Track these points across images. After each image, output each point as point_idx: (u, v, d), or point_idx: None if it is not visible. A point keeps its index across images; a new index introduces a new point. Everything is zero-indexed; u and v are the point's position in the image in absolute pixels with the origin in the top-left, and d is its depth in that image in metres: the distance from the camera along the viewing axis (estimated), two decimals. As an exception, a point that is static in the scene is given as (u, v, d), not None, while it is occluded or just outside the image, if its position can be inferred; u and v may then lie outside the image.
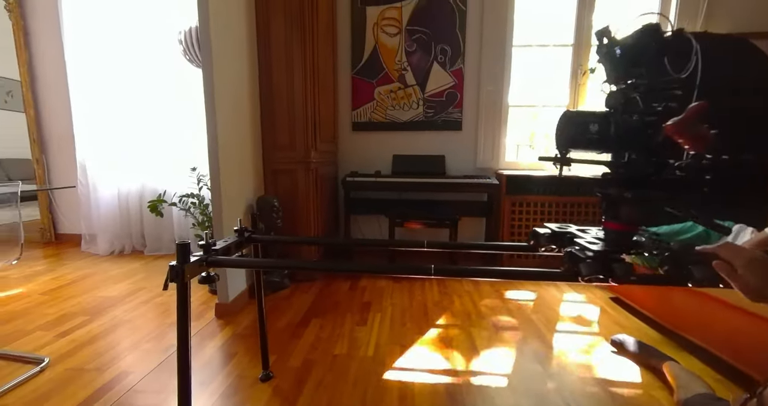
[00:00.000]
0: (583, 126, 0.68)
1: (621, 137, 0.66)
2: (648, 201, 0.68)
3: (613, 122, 0.67)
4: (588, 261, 0.66)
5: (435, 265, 0.73)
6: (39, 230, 2.98)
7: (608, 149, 0.69)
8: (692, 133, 0.60)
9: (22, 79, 2.76)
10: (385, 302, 1.91)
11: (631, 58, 0.66)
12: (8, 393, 1.16)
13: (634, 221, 0.70)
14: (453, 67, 2.56)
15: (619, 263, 0.65)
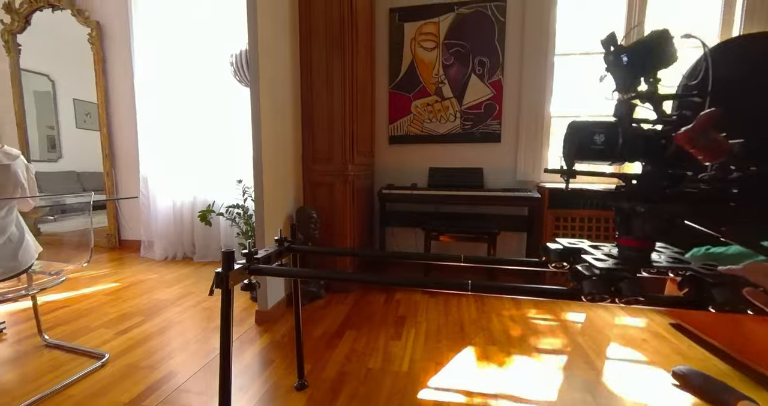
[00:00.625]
0: (589, 136, 0.65)
1: (630, 148, 0.63)
2: (662, 216, 0.63)
3: (621, 132, 0.63)
4: (592, 279, 0.62)
5: (472, 280, 0.71)
6: (106, 236, 3.30)
7: (616, 160, 0.65)
8: (704, 142, 0.56)
9: (98, 102, 3.13)
10: (420, 317, 1.87)
11: (640, 64, 0.62)
12: (74, 385, 1.28)
13: (648, 236, 0.65)
14: (491, 79, 2.53)
15: (626, 282, 0.60)
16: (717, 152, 0.57)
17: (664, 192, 0.64)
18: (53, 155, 3.48)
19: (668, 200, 0.63)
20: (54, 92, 3.43)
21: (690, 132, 0.57)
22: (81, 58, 3.08)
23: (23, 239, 1.40)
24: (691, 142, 0.57)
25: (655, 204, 0.63)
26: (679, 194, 0.63)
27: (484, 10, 2.47)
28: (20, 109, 3.26)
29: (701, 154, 0.57)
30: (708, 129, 0.56)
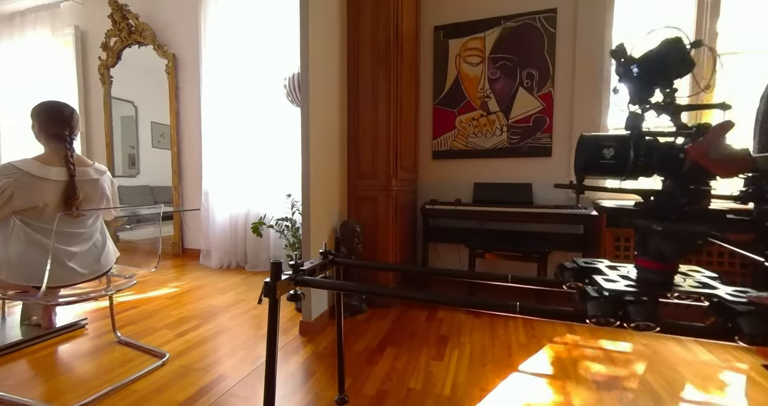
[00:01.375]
0: (597, 150, 0.62)
1: (643, 162, 0.59)
2: (681, 236, 0.57)
3: (632, 146, 0.60)
4: (598, 300, 0.58)
5: (520, 302, 0.67)
6: (171, 244, 3.62)
7: (629, 175, 0.62)
8: (717, 156, 0.52)
9: (171, 124, 3.52)
10: (464, 338, 1.80)
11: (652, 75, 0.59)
12: (138, 381, 1.40)
13: (665, 258, 0.60)
14: (541, 92, 2.44)
15: (635, 305, 0.56)
16: (733, 167, 0.53)
17: (682, 210, 0.59)
18: (132, 171, 3.94)
19: (688, 219, 0.58)
20: (136, 116, 3.92)
21: (702, 145, 0.54)
22: (159, 86, 3.50)
23: (105, 244, 1.59)
24: (704, 156, 0.53)
25: (673, 223, 0.58)
26: (701, 213, 0.58)
27: (533, 22, 2.42)
28: (109, 131, 3.76)
29: (715, 169, 0.54)
30: (721, 142, 0.52)
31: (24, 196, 1.28)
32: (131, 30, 3.46)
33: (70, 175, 1.38)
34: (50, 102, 1.46)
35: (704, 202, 0.59)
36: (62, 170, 1.38)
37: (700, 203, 0.59)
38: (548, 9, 2.38)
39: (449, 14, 2.62)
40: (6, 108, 4.21)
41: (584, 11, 2.31)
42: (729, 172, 0.55)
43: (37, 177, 1.31)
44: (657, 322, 0.55)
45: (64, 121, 1.42)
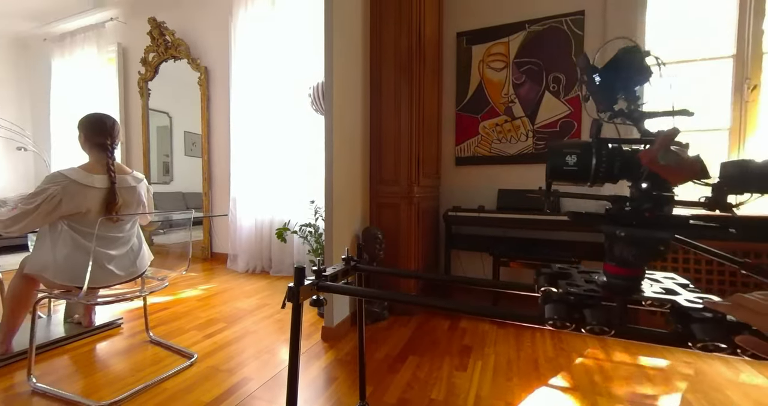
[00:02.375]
0: (561, 157, 0.64)
1: (606, 169, 0.61)
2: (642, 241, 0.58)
3: (594, 153, 0.61)
4: (557, 303, 0.59)
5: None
6: (201, 248, 3.77)
7: (593, 182, 0.63)
8: (665, 163, 0.53)
9: (202, 133, 3.68)
10: (488, 349, 1.75)
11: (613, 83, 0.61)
12: (168, 380, 1.45)
13: (629, 263, 0.61)
14: (568, 96, 2.38)
15: (592, 309, 0.57)
16: (683, 173, 0.55)
17: (644, 216, 0.60)
18: (166, 178, 4.15)
19: (650, 225, 0.59)
20: (171, 126, 4.14)
21: (651, 152, 0.55)
22: (192, 97, 3.68)
23: (141, 248, 1.67)
24: (653, 162, 0.54)
25: (635, 229, 0.59)
26: (662, 218, 0.59)
27: (559, 25, 2.37)
28: (146, 140, 3.98)
29: (666, 175, 0.56)
30: (668, 149, 0.54)
31: (71, 202, 1.38)
32: (168, 45, 3.67)
33: (111, 182, 1.47)
34: (94, 114, 1.56)
35: (667, 208, 0.59)
36: (104, 178, 1.47)
37: (662, 209, 0.59)
38: (576, 11, 2.33)
39: (472, 20, 2.61)
40: (57, 119, 4.56)
41: (614, 13, 2.23)
42: (679, 178, 0.56)
43: (82, 185, 1.41)
44: (611, 326, 0.56)
45: (106, 131, 1.52)
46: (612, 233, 0.61)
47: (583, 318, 0.57)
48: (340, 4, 1.87)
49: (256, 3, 3.16)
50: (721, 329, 0.50)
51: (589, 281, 0.66)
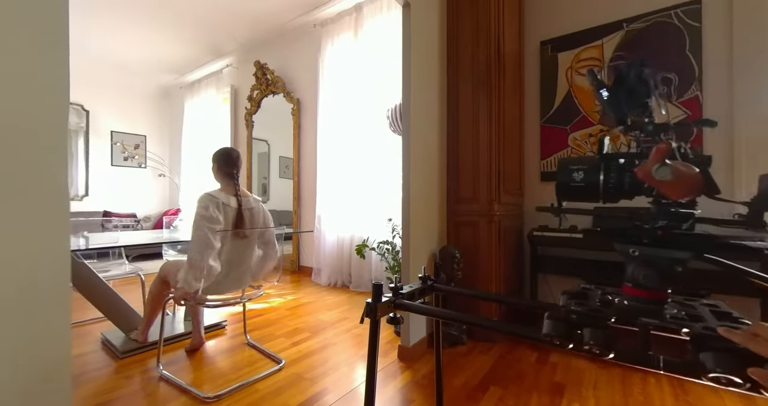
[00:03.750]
0: (568, 174, 0.63)
1: (615, 185, 0.60)
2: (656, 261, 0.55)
3: (602, 168, 0.61)
4: (555, 320, 0.58)
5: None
6: (290, 261, 4.12)
7: (604, 199, 0.62)
8: (661, 177, 0.52)
9: (293, 157, 4.10)
10: (586, 391, 1.52)
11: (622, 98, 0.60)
12: (260, 381, 1.58)
13: (642, 284, 0.58)
14: (683, 97, 2.04)
15: (592, 329, 0.55)
16: (683, 188, 0.52)
17: (656, 233, 0.57)
18: (264, 198, 4.67)
19: (664, 243, 0.56)
20: (269, 152, 4.71)
21: (645, 167, 0.54)
22: (286, 126, 4.16)
23: (262, 264, 1.88)
24: (649, 177, 0.53)
25: (648, 248, 0.57)
26: (678, 237, 0.55)
27: (668, 19, 2.08)
28: (249, 166, 4.59)
29: (664, 190, 0.54)
30: (662, 162, 0.52)
31: (222, 217, 1.64)
32: (268, 83, 4.24)
33: (238, 203, 1.73)
34: (225, 148, 1.85)
35: (686, 225, 0.56)
36: (234, 199, 1.73)
37: (679, 227, 0.56)
38: (690, 1, 2.02)
39: (557, 26, 2.45)
40: (187, 150, 5.57)
41: (742, -4, 1.87)
42: (678, 193, 0.54)
43: (225, 204, 1.67)
44: (610, 348, 0.53)
45: (233, 162, 1.79)
46: (625, 252, 0.59)
47: (582, 338, 0.55)
48: (417, 27, 1.94)
49: (341, 37, 3.48)
50: (735, 360, 0.44)
51: (605, 302, 0.63)
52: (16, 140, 0.67)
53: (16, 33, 0.66)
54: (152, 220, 5.65)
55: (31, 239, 0.69)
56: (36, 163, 0.69)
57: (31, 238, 0.69)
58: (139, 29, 3.98)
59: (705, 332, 0.50)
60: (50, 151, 0.71)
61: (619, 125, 0.62)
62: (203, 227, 1.55)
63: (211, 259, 1.54)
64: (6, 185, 0.66)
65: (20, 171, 0.67)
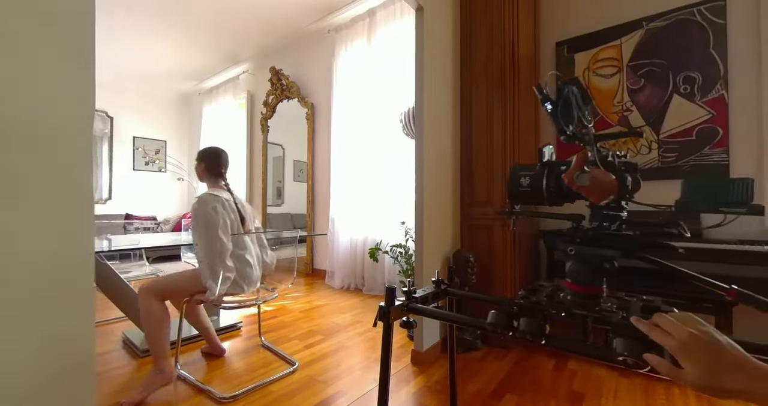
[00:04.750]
0: (516, 179, 0.70)
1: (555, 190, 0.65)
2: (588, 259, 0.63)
3: (545, 174, 0.66)
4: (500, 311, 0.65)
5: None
6: (304, 264, 4.16)
7: (549, 202, 0.68)
8: (581, 183, 0.58)
9: (308, 161, 4.15)
10: (606, 401, 1.47)
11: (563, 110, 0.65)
12: (274, 383, 1.60)
13: (579, 280, 0.65)
14: (707, 97, 1.97)
15: (527, 319, 0.62)
16: (599, 192, 0.59)
17: (587, 234, 0.64)
18: (278, 201, 4.76)
19: (598, 243, 0.63)
20: (283, 156, 4.78)
21: (569, 173, 0.59)
22: (300, 130, 4.22)
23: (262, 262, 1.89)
24: (571, 182, 0.59)
25: (582, 246, 0.63)
26: (607, 236, 0.62)
27: (690, 17, 2.01)
28: (264, 169, 4.67)
29: (585, 194, 0.60)
30: (582, 169, 0.58)
31: (227, 216, 1.64)
32: (283, 88, 4.32)
33: (232, 195, 1.73)
34: (214, 147, 1.82)
35: (614, 226, 0.62)
36: (228, 194, 1.74)
37: (609, 227, 0.62)
38: (711, -2, 1.95)
39: (573, 27, 2.41)
40: (204, 155, 5.71)
41: (770, -9, 1.80)
42: (595, 197, 0.60)
43: (227, 201, 1.68)
44: (542, 335, 0.61)
45: (224, 162, 1.81)
46: (564, 250, 0.65)
47: (518, 327, 0.62)
48: (430, 30, 1.94)
49: (355, 43, 3.52)
50: (638, 346, 0.51)
51: (550, 296, 0.70)
52: (44, 145, 0.70)
53: (45, 44, 0.70)
54: (171, 222, 5.81)
55: (57, 240, 0.71)
56: (63, 168, 0.72)
57: (57, 239, 0.71)
58: (161, 38, 4.12)
59: (621, 321, 0.57)
60: (76, 156, 0.74)
61: (561, 135, 0.67)
62: (218, 230, 1.54)
63: (228, 262, 1.56)
64: (35, 189, 0.69)
65: (48, 175, 0.70)
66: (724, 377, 0.40)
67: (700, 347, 0.43)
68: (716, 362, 0.41)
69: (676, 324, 0.46)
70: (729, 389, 0.40)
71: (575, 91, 0.64)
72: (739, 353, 0.42)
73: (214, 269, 1.52)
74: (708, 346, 0.43)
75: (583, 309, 0.63)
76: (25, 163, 0.67)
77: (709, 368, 0.41)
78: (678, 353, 0.44)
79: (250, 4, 3.43)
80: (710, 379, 0.41)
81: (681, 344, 0.44)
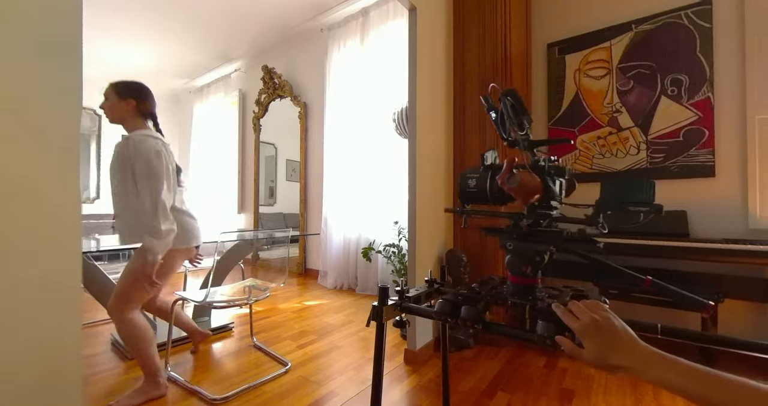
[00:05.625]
0: (465, 181, 0.77)
1: (498, 191, 0.71)
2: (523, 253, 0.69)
3: (489, 177, 0.73)
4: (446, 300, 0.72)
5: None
6: (296, 264, 4.14)
7: (494, 202, 0.74)
8: (509, 185, 0.64)
9: (300, 160, 4.13)
10: (596, 397, 1.49)
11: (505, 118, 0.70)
12: (266, 384, 1.59)
13: (518, 272, 0.71)
14: (694, 99, 2.01)
15: (468, 307, 0.69)
16: (525, 193, 0.65)
17: (522, 230, 0.70)
18: (271, 201, 4.73)
19: (529, 238, 0.69)
20: (276, 156, 4.75)
21: (501, 176, 0.65)
22: (293, 129, 4.19)
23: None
24: (504, 184, 0.65)
25: (518, 242, 0.70)
26: (537, 233, 0.69)
27: (677, 20, 2.05)
28: (257, 169, 4.64)
29: (514, 195, 0.67)
30: (511, 172, 0.64)
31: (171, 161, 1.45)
32: (276, 87, 4.29)
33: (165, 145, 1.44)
34: (139, 82, 1.47)
35: (544, 223, 0.69)
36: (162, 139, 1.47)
37: (540, 224, 0.69)
38: (700, 1, 1.99)
39: (565, 28, 2.44)
40: (195, 153, 5.64)
41: (754, -4, 1.85)
42: (523, 197, 0.66)
43: (164, 142, 1.43)
44: (480, 321, 0.67)
45: (155, 101, 1.51)
46: (504, 245, 0.72)
47: (461, 314, 0.69)
48: (423, 30, 1.95)
49: (348, 43, 3.51)
50: (554, 328, 0.57)
51: (494, 288, 0.78)
52: (30, 143, 0.68)
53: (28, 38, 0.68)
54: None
55: (44, 240, 0.70)
56: (50, 166, 0.71)
57: (44, 239, 0.70)
58: (151, 35, 4.06)
59: (545, 307, 0.63)
60: (63, 154, 0.72)
61: (504, 141, 0.74)
62: (163, 180, 1.32)
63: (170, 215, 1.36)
64: (21, 188, 0.67)
65: (35, 174, 0.69)
66: (612, 355, 0.48)
67: (598, 329, 0.50)
68: (608, 342, 0.49)
69: (583, 310, 0.54)
70: (615, 365, 0.47)
71: (509, 102, 0.69)
72: (629, 335, 0.49)
73: (154, 224, 1.31)
74: (604, 329, 0.50)
75: (518, 298, 0.70)
76: (10, 161, 0.66)
77: (601, 347, 0.49)
78: (579, 333, 0.52)
79: (244, 2, 3.40)
80: (601, 356, 0.48)
81: (583, 327, 0.52)
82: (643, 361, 0.46)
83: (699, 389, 0.42)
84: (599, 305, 0.55)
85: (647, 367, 0.45)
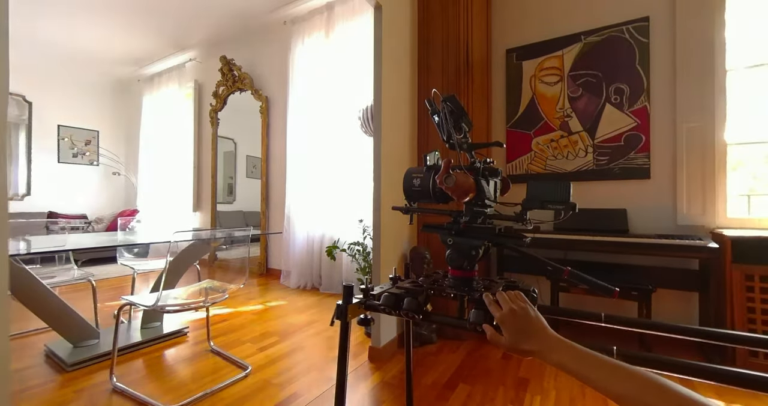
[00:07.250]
0: (410, 180, 0.81)
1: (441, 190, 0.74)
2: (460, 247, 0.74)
3: (431, 177, 0.77)
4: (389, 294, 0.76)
5: (618, 348, 0.58)
6: (257, 263, 3.99)
7: (437, 200, 0.78)
8: (446, 184, 0.68)
9: (262, 157, 3.99)
10: (548, 383, 1.59)
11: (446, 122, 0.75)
12: (225, 389, 1.52)
13: (458, 265, 0.76)
14: (633, 107, 2.20)
15: (408, 299, 0.74)
16: (460, 191, 0.69)
17: (459, 227, 0.75)
18: (230, 199, 4.52)
19: (466, 234, 0.74)
20: (235, 151, 4.54)
21: (439, 176, 0.70)
22: (254, 124, 4.03)
23: None
24: (442, 184, 0.69)
25: (456, 237, 0.75)
26: (474, 229, 0.74)
27: (620, 34, 2.24)
28: (214, 165, 4.41)
29: (451, 193, 0.71)
30: (448, 173, 0.69)
31: None
32: (235, 79, 4.10)
33: None
34: None
35: (479, 220, 0.74)
36: None
37: (476, 221, 0.74)
38: (639, 18, 2.18)
39: (522, 36, 2.57)
40: (145, 147, 5.24)
41: (685, 16, 2.06)
42: (458, 196, 0.70)
43: None
44: (420, 312, 0.73)
45: None
46: (445, 241, 0.76)
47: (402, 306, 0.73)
48: (389, 30, 1.96)
49: (312, 36, 3.43)
50: (483, 317, 0.63)
51: (436, 281, 0.82)
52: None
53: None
54: (105, 221, 5.26)
55: (-39, 242, 0.62)
56: (-32, 159, 0.62)
57: (-39, 241, 0.62)
58: (91, 15, 3.70)
59: (477, 298, 0.67)
60: (-14, 146, 0.64)
61: (446, 143, 0.77)
62: None
63: None
64: (-69, 183, 0.58)
65: (-51, 167, 0.60)
66: (524, 341, 0.54)
67: (514, 318, 0.56)
68: (521, 329, 0.55)
69: (505, 300, 0.60)
70: (526, 350, 0.53)
71: (447, 107, 0.73)
72: (541, 324, 0.56)
73: None
74: (519, 318, 0.56)
75: (456, 289, 0.74)
76: None
77: (516, 334, 0.55)
78: (499, 321, 0.58)
79: (198, -12, 3.20)
80: (514, 342, 0.55)
81: (502, 315, 0.58)
82: (547, 346, 0.52)
83: (583, 370, 0.48)
84: (520, 296, 0.61)
85: (550, 351, 0.51)
